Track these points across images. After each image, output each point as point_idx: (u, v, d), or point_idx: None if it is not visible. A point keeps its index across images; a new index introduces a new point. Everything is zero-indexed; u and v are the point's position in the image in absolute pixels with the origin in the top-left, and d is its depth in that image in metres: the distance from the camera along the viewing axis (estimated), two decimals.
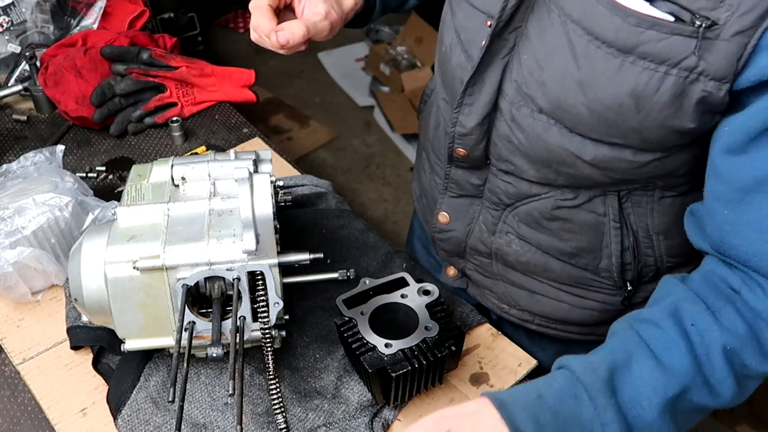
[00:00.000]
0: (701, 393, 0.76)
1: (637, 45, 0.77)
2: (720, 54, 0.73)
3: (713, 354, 0.75)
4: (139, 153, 1.48)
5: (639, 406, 0.74)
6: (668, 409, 0.75)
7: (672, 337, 0.76)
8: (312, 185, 1.35)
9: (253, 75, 1.60)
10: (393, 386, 0.95)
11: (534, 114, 0.89)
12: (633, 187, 0.95)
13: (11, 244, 1.11)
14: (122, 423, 1.00)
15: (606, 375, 0.75)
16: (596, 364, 0.76)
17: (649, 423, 0.75)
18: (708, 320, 0.76)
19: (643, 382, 0.75)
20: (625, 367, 0.76)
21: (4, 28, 1.62)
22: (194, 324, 0.92)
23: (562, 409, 0.74)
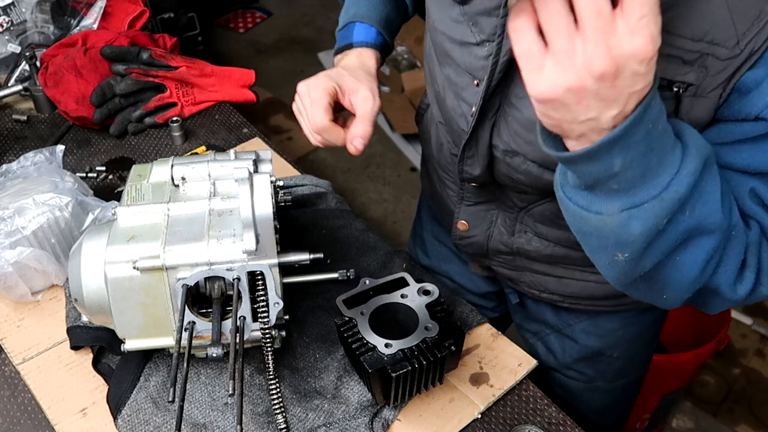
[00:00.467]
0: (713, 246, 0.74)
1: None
2: (700, 108, 0.77)
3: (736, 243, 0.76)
4: (139, 153, 1.48)
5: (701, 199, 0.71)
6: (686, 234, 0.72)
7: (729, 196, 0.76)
8: (312, 185, 1.35)
9: (253, 75, 1.60)
10: (393, 386, 0.95)
11: (527, 162, 0.94)
12: None
13: (11, 244, 1.11)
14: (122, 423, 1.00)
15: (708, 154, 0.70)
16: (703, 141, 0.71)
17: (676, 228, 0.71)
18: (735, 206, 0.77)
19: (711, 192, 0.71)
20: (713, 168, 0.72)
21: (4, 28, 1.62)
22: (194, 324, 0.92)
23: (665, 137, 0.67)
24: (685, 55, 0.73)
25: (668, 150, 0.68)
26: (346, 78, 1.02)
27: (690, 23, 0.71)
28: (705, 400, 2.25)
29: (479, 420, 1.04)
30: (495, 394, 1.05)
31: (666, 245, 0.73)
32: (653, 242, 0.72)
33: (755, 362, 2.36)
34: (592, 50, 0.58)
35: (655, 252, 0.74)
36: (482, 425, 1.03)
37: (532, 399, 1.06)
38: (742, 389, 2.29)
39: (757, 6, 0.69)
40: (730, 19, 0.70)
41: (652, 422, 2.00)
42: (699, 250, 0.75)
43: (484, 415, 1.04)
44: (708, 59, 0.72)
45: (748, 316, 2.45)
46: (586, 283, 1.12)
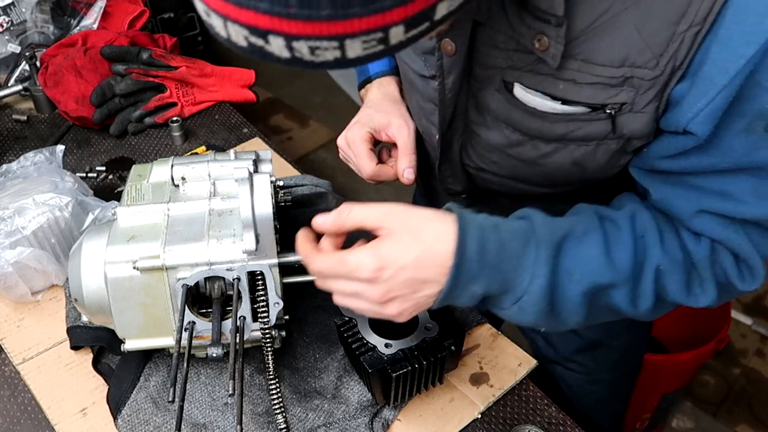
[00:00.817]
0: (623, 295, 0.80)
1: (564, 134, 0.83)
2: (638, 123, 0.79)
3: (648, 269, 0.80)
4: (139, 153, 1.48)
5: (570, 277, 0.78)
6: (590, 294, 0.79)
7: (624, 238, 0.80)
8: (312, 185, 1.35)
9: (253, 75, 1.60)
10: (393, 386, 0.95)
11: (497, 176, 0.98)
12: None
13: (11, 244, 1.11)
14: (122, 423, 1.00)
15: (560, 236, 0.79)
16: (556, 223, 0.80)
17: (568, 296, 0.79)
18: (655, 237, 0.81)
19: (585, 260, 0.79)
20: (578, 239, 0.80)
21: (4, 28, 1.62)
22: (194, 324, 0.92)
23: (510, 246, 0.77)
24: (611, 81, 0.76)
25: (518, 255, 0.77)
26: (375, 117, 1.08)
27: (607, 52, 0.74)
28: (705, 400, 2.25)
29: (479, 420, 1.04)
30: (495, 394, 1.05)
31: (573, 311, 0.81)
32: (558, 315, 0.81)
33: (755, 362, 2.36)
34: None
35: (567, 319, 0.82)
36: (482, 425, 1.03)
37: (532, 399, 1.06)
38: (742, 389, 2.29)
39: (668, 29, 0.71)
40: (644, 43, 0.73)
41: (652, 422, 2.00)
42: (611, 299, 0.81)
43: (484, 415, 1.04)
44: (634, 80, 0.75)
45: (748, 316, 2.45)
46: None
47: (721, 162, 0.75)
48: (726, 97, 0.69)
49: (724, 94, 0.69)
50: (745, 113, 0.71)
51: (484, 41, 0.83)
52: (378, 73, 1.16)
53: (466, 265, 0.75)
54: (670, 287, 0.81)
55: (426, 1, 0.59)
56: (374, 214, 0.77)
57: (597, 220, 0.82)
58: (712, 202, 0.78)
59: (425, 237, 0.75)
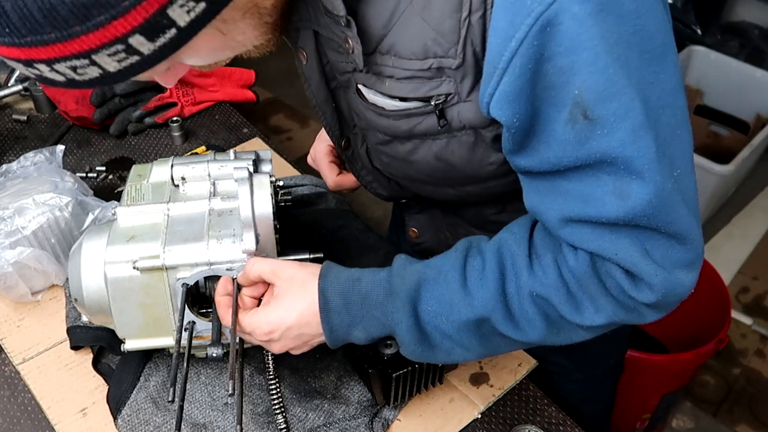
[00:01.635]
0: (504, 325, 0.81)
1: (410, 130, 0.86)
2: (469, 112, 0.80)
3: (523, 295, 0.80)
4: (139, 153, 1.48)
5: (438, 318, 0.83)
6: (469, 329, 0.82)
7: (488, 271, 0.81)
8: (312, 185, 1.35)
9: (253, 75, 1.60)
10: (393, 386, 0.95)
11: (401, 177, 1.00)
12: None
13: (11, 244, 1.11)
14: (122, 423, 1.00)
15: (412, 284, 0.84)
16: (409, 271, 0.85)
17: (448, 334, 0.83)
18: (523, 264, 0.81)
19: (444, 300, 0.82)
20: (433, 282, 0.83)
21: None
22: (194, 324, 0.92)
23: (372, 296, 0.85)
24: (424, 74, 0.78)
25: (381, 303, 0.84)
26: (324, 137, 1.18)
27: (409, 45, 0.77)
28: (705, 400, 2.25)
29: (479, 420, 1.04)
30: (495, 394, 1.05)
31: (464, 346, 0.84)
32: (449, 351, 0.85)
33: (755, 362, 2.36)
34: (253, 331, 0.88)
35: (464, 353, 0.86)
36: (482, 425, 1.03)
37: (532, 399, 1.06)
38: (742, 389, 2.29)
39: (452, 17, 0.72)
40: (436, 33, 0.74)
41: (652, 422, 2.00)
42: (495, 330, 0.83)
43: (484, 415, 1.04)
44: (446, 70, 0.77)
45: (748, 316, 2.45)
46: None
47: (563, 157, 0.72)
48: (512, 80, 0.69)
49: (509, 78, 0.69)
50: (562, 102, 0.69)
51: (328, 47, 0.88)
52: None
53: (335, 318, 0.85)
54: (559, 308, 0.79)
55: (147, 10, 0.62)
56: (267, 270, 0.88)
57: (461, 256, 0.84)
58: (574, 207, 0.74)
59: (304, 299, 0.85)
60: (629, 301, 0.77)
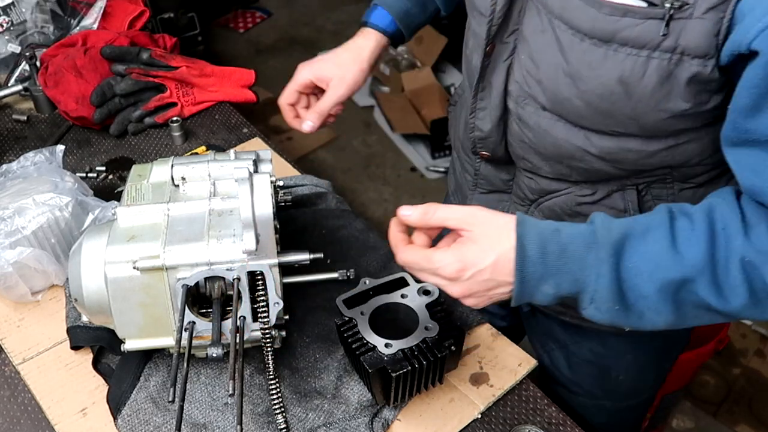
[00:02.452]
0: (707, 290, 0.78)
1: (615, 33, 0.79)
2: (696, 32, 0.75)
3: (732, 261, 0.77)
4: (139, 153, 1.48)
5: (640, 276, 0.79)
6: (669, 291, 0.78)
7: (698, 232, 0.78)
8: (312, 185, 1.35)
9: (253, 75, 1.60)
10: (393, 386, 0.95)
11: (538, 111, 0.93)
12: (650, 180, 0.96)
13: (11, 244, 1.11)
14: (122, 423, 1.00)
15: (619, 236, 0.79)
16: (615, 224, 0.81)
17: (645, 295, 0.79)
18: (737, 228, 0.77)
19: (649, 256, 0.78)
20: (640, 237, 0.79)
21: (4, 28, 1.62)
22: (194, 324, 0.92)
23: (571, 247, 0.80)
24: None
25: (581, 256, 0.79)
26: (325, 67, 1.20)
27: None
28: (705, 400, 2.25)
29: (479, 420, 1.04)
30: (495, 394, 1.05)
31: (654, 310, 0.80)
32: (638, 314, 0.81)
33: (755, 362, 2.36)
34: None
35: (653, 318, 0.81)
36: (482, 425, 1.03)
37: (532, 399, 1.06)
38: (742, 389, 2.29)
39: None
40: None
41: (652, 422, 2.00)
42: (695, 295, 0.79)
43: (484, 415, 1.04)
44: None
45: None
46: None
47: None
48: None
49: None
50: None
51: None
52: (371, 24, 1.22)
53: (529, 268, 0.80)
54: (767, 278, 0.76)
55: None
56: (456, 216, 0.83)
57: (667, 216, 0.80)
58: None
59: (502, 243, 0.81)
60: None
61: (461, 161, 1.17)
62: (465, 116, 1.12)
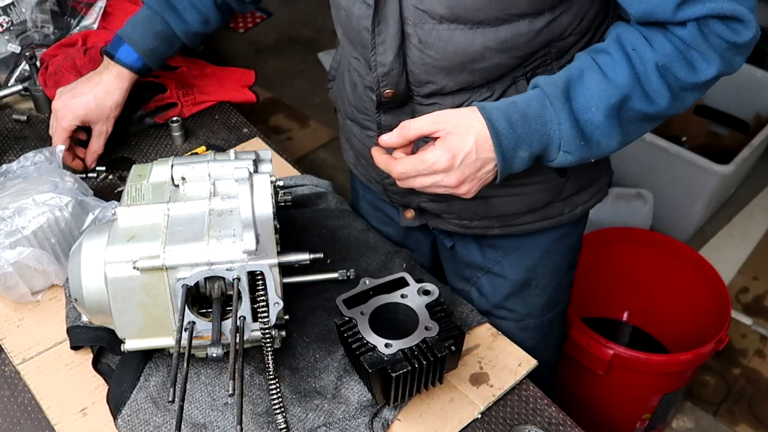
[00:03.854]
0: (640, 101, 0.94)
1: None
2: None
3: (649, 70, 0.93)
4: (139, 153, 1.48)
5: (589, 111, 0.94)
6: (613, 114, 0.94)
7: (617, 59, 0.94)
8: (312, 185, 1.35)
9: (253, 75, 1.60)
10: (393, 386, 0.95)
11: (436, 26, 0.99)
12: (535, 66, 1.05)
13: (11, 244, 1.11)
14: (122, 423, 1.00)
15: (563, 86, 0.94)
16: (556, 78, 0.95)
17: (597, 125, 0.95)
18: (643, 44, 0.93)
19: (591, 92, 0.94)
20: (578, 80, 0.95)
21: (4, 28, 1.62)
22: (194, 324, 0.92)
23: (530, 111, 0.94)
24: None
25: (540, 114, 0.94)
26: (87, 110, 1.33)
27: None
28: (705, 400, 2.25)
29: (479, 420, 1.04)
30: (495, 394, 1.05)
31: (607, 134, 0.96)
32: (597, 143, 0.96)
33: (755, 362, 2.36)
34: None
35: (609, 143, 0.97)
36: (482, 425, 1.03)
37: (532, 399, 1.06)
38: (742, 389, 2.29)
39: None
40: None
41: (652, 422, 2.00)
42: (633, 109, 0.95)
43: (484, 415, 1.04)
44: None
45: (748, 316, 2.45)
46: (511, 198, 1.16)
47: None
48: None
49: None
50: None
51: None
52: (117, 60, 1.34)
53: (504, 140, 0.93)
54: (677, 74, 0.93)
55: None
56: (428, 121, 0.95)
57: (589, 59, 0.95)
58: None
59: (474, 126, 0.93)
60: (730, 50, 0.92)
61: (359, 123, 1.20)
62: (350, 79, 1.18)
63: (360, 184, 1.39)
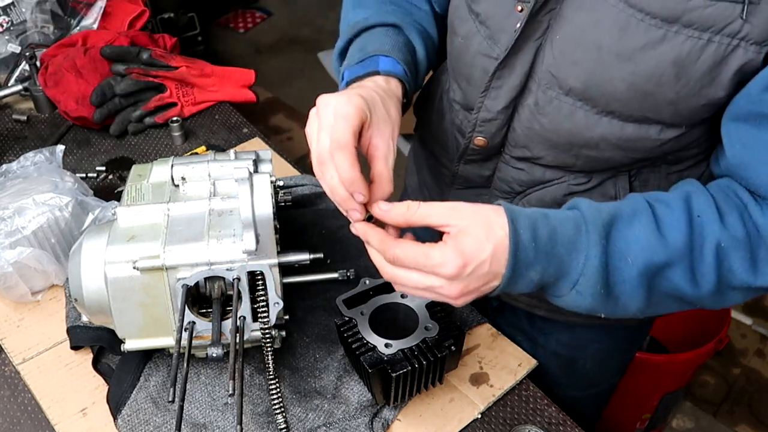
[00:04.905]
0: (683, 275, 0.79)
1: (683, 14, 0.78)
2: (763, 16, 0.75)
3: (707, 246, 0.78)
4: (139, 153, 1.48)
5: (624, 260, 0.78)
6: (647, 276, 0.79)
7: (677, 217, 0.79)
8: (312, 185, 1.35)
9: (253, 75, 1.60)
10: (393, 386, 0.95)
11: (560, 96, 0.90)
12: (643, 166, 0.96)
13: (11, 244, 1.11)
14: (122, 423, 1.00)
15: (607, 218, 0.79)
16: (603, 207, 0.80)
17: (625, 279, 0.79)
18: (713, 215, 0.79)
19: (636, 240, 0.79)
20: (627, 220, 0.79)
21: (4, 28, 1.62)
22: (194, 324, 0.92)
23: (560, 230, 0.78)
24: None
25: (570, 240, 0.78)
26: (378, 108, 0.88)
27: None
28: (705, 400, 2.25)
29: (479, 420, 1.04)
30: (495, 394, 1.05)
31: (631, 295, 0.80)
32: (616, 299, 0.81)
33: (755, 362, 2.36)
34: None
35: (627, 304, 0.81)
36: (482, 425, 1.03)
37: (532, 399, 1.06)
38: (742, 389, 2.29)
39: None
40: None
41: (652, 422, 2.00)
42: (670, 281, 0.80)
43: (484, 415, 1.04)
44: None
45: (748, 316, 2.46)
46: None
47: None
48: None
49: None
50: None
51: None
52: (388, 72, 0.95)
53: (522, 253, 0.76)
54: (734, 265, 0.78)
55: None
56: (439, 212, 0.77)
57: (646, 204, 0.81)
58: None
59: (495, 233, 0.76)
60: None
61: (435, 156, 1.13)
62: (439, 108, 1.07)
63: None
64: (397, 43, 0.99)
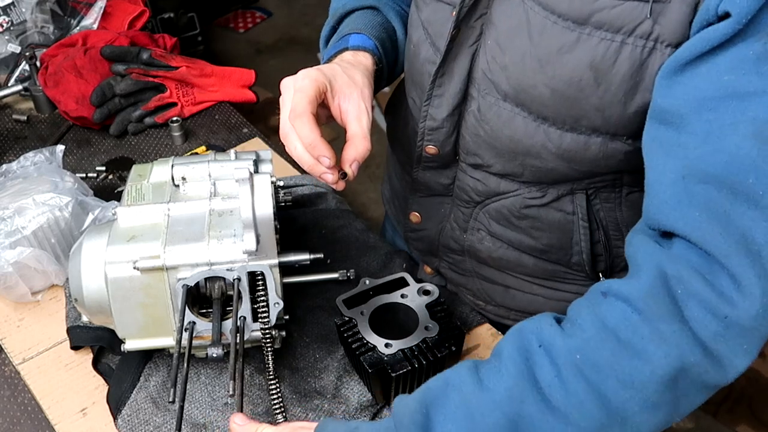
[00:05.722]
0: (544, 418, 0.70)
1: (591, 14, 0.77)
2: (673, 17, 0.73)
3: (564, 369, 0.70)
4: (139, 153, 1.48)
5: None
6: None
7: (506, 358, 0.73)
8: (312, 185, 1.35)
9: (253, 75, 1.60)
10: (393, 386, 0.95)
11: (498, 102, 0.89)
12: (601, 185, 0.95)
13: (11, 244, 1.11)
14: (122, 423, 1.00)
15: (418, 408, 0.74)
16: (410, 398, 0.75)
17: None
18: (551, 332, 0.72)
19: (460, 413, 0.72)
20: (442, 397, 0.74)
21: (4, 28, 1.62)
22: (194, 324, 0.92)
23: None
24: None
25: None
26: (339, 76, 0.91)
27: None
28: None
29: None
30: None
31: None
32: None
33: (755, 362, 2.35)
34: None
35: None
36: None
37: None
38: (742, 389, 2.29)
39: None
40: None
41: None
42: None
43: None
44: None
45: None
46: (534, 297, 1.07)
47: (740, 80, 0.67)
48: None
49: None
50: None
51: None
52: (357, 47, 1.00)
53: None
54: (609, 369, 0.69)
55: None
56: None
57: (470, 363, 0.76)
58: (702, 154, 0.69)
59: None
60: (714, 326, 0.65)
61: (401, 164, 1.14)
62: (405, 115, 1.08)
63: (390, 224, 1.33)
64: (371, 21, 1.04)
